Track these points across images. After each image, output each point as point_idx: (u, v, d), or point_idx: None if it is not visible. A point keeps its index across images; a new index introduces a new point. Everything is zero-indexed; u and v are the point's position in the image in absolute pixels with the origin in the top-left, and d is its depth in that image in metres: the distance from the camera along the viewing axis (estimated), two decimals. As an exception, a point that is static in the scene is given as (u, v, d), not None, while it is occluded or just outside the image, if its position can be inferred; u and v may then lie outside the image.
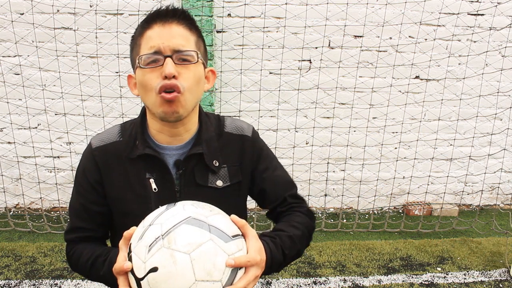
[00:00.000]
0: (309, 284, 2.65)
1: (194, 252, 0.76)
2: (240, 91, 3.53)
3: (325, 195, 3.88)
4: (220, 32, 3.48)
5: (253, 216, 3.58)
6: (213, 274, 0.77)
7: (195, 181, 1.04)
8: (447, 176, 3.91)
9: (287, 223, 1.07)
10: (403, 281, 2.73)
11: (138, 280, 0.79)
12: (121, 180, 1.03)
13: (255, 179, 1.13)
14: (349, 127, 3.73)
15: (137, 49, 0.97)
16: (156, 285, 0.76)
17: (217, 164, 1.06)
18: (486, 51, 3.67)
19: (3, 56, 3.41)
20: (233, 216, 0.88)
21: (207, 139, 1.05)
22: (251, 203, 1.21)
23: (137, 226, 0.87)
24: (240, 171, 1.10)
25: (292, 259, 1.03)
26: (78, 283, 2.59)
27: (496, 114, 3.85)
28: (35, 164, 3.55)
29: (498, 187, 4.12)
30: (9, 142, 3.58)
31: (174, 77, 0.90)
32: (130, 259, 0.81)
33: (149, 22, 0.95)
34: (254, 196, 1.17)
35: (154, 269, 0.76)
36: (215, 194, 1.03)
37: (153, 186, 1.02)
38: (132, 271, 0.80)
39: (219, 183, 1.06)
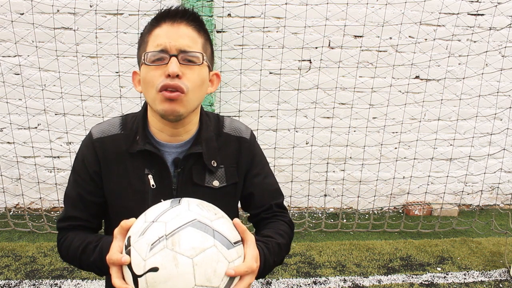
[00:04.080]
0: (309, 284, 2.65)
1: (197, 257, 0.76)
2: (240, 91, 3.53)
3: (325, 195, 3.88)
4: (220, 32, 3.48)
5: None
6: (212, 280, 0.77)
7: (192, 180, 1.04)
8: (447, 176, 3.91)
9: (274, 230, 1.08)
10: (403, 281, 2.73)
11: (136, 277, 0.78)
12: (119, 174, 1.03)
13: (245, 182, 1.13)
14: (349, 127, 3.72)
15: (144, 46, 0.97)
16: (154, 285, 0.76)
17: (215, 164, 1.06)
18: (486, 51, 3.67)
19: (3, 56, 3.41)
20: (236, 220, 0.88)
21: (206, 138, 1.06)
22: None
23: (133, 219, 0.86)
24: (237, 172, 1.10)
25: (275, 266, 1.04)
26: (78, 283, 2.59)
27: (496, 114, 3.85)
28: (35, 164, 3.55)
29: (498, 187, 4.12)
30: (9, 142, 3.58)
31: (177, 76, 0.91)
32: (128, 253, 0.80)
33: (158, 20, 0.96)
34: (240, 198, 1.17)
35: (155, 269, 0.75)
36: (211, 194, 1.04)
37: (151, 182, 1.02)
38: (129, 266, 0.79)
39: (216, 183, 1.06)
